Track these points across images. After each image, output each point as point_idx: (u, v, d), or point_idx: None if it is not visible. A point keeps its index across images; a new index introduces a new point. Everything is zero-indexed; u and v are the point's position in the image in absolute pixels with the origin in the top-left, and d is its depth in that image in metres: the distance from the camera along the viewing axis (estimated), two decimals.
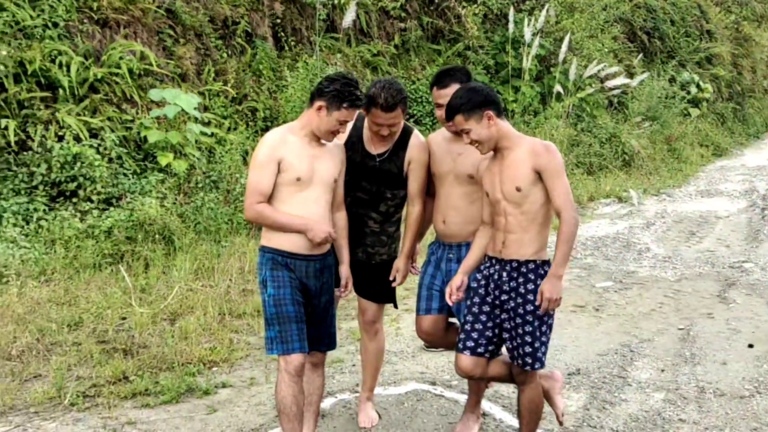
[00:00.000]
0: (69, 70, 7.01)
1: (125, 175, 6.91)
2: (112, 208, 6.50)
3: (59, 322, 4.92)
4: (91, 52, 7.39)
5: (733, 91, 19.94)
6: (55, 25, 7.20)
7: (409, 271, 3.72)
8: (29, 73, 6.73)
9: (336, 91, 3.14)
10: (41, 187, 6.37)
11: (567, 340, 5.16)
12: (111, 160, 6.84)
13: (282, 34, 9.62)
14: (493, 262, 3.25)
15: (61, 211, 6.28)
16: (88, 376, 4.29)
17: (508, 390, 4.21)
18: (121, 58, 7.48)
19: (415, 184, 3.56)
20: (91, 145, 6.69)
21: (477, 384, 3.70)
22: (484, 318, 3.26)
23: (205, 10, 8.75)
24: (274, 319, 3.15)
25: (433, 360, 4.75)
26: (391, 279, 3.65)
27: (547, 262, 3.20)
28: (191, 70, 8.33)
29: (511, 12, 11.74)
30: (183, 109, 7.24)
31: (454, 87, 3.35)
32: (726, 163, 15.21)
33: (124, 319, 5.15)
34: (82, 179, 6.50)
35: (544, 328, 3.19)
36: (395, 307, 3.90)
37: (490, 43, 12.39)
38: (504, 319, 3.23)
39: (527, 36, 11.50)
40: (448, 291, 3.36)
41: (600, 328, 5.49)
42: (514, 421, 3.79)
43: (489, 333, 3.26)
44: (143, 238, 6.23)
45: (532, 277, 3.15)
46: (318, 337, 3.36)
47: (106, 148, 6.81)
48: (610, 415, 4.04)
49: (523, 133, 3.37)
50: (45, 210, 6.28)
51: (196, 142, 7.48)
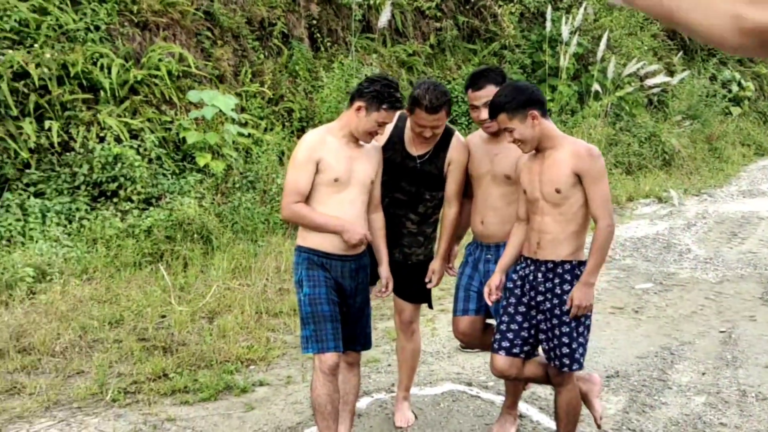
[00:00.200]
0: (110, 73, 7.14)
1: (164, 175, 7.01)
2: (151, 208, 6.60)
3: (101, 319, 5.01)
4: (131, 54, 7.52)
5: None
6: (97, 28, 7.34)
7: (445, 272, 3.71)
8: (72, 75, 6.87)
9: (376, 92, 3.13)
10: (83, 187, 6.49)
11: (605, 342, 5.09)
12: (151, 161, 6.95)
13: (318, 35, 9.67)
14: (528, 262, 3.21)
15: (102, 211, 6.40)
16: (128, 372, 4.36)
17: (546, 392, 4.18)
18: (160, 60, 7.59)
19: (453, 185, 3.54)
20: (131, 146, 6.80)
21: (514, 385, 3.67)
22: (519, 318, 3.24)
23: (242, 12, 8.84)
24: (310, 318, 3.16)
25: (469, 361, 4.73)
26: (426, 281, 3.65)
27: (583, 263, 3.15)
28: (229, 71, 8.42)
29: (549, 10, 11.65)
30: (221, 110, 7.32)
31: (489, 88, 3.33)
32: None
33: (164, 317, 5.22)
34: (122, 179, 6.62)
35: (582, 329, 3.15)
36: (430, 307, 3.88)
37: (526, 42, 12.31)
38: (540, 320, 3.20)
39: (565, 34, 11.39)
40: (486, 290, 3.34)
41: (639, 330, 5.41)
42: (552, 424, 3.76)
43: (524, 333, 3.23)
44: (182, 237, 6.32)
45: (568, 277, 3.11)
46: (353, 336, 3.37)
47: (146, 149, 6.92)
48: (650, 419, 3.98)
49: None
50: (87, 209, 6.40)
51: (234, 142, 7.56)
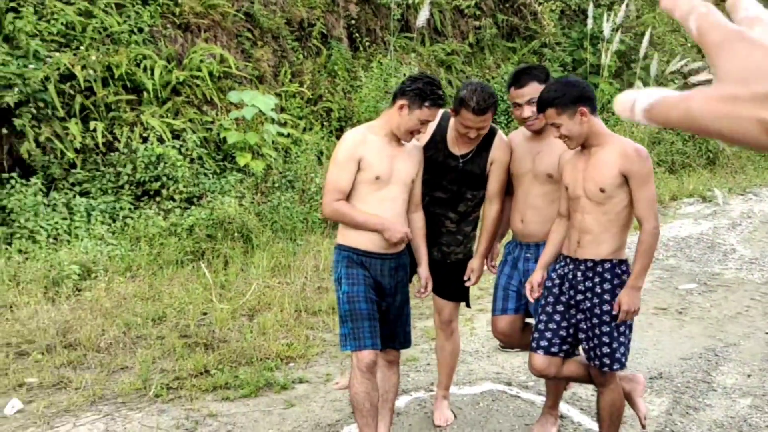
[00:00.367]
0: (153, 74, 7.27)
1: (206, 174, 7.11)
2: (193, 207, 6.70)
3: (144, 316, 5.10)
4: (173, 55, 7.64)
5: None
6: (140, 30, 7.47)
7: (485, 270, 3.69)
8: (116, 77, 7.01)
9: (418, 90, 3.12)
10: (127, 186, 6.62)
11: (648, 343, 5.01)
12: (192, 161, 7.05)
13: (357, 35, 9.70)
14: (568, 261, 3.17)
15: (145, 210, 6.52)
16: (171, 368, 4.42)
17: (587, 392, 4.13)
18: (201, 62, 7.70)
19: (495, 184, 3.51)
20: (173, 146, 6.91)
21: (555, 385, 3.63)
22: (557, 317, 3.20)
23: (282, 13, 8.91)
24: (348, 316, 3.16)
25: (508, 360, 4.70)
26: (465, 279, 3.64)
27: (624, 262, 3.10)
28: (268, 71, 8.50)
29: (590, 7, 11.50)
30: (260, 111, 7.39)
31: (532, 86, 3.30)
32: None
33: (205, 314, 5.29)
34: (165, 179, 6.73)
35: (623, 328, 3.09)
36: (467, 306, 3.86)
37: (567, 40, 12.17)
38: (580, 319, 3.15)
39: (606, 31, 11.25)
40: (528, 287, 3.31)
41: (683, 331, 5.31)
42: (593, 425, 3.71)
43: (563, 332, 3.19)
44: (223, 236, 6.40)
45: (609, 276, 3.06)
46: (392, 335, 3.37)
47: (187, 149, 7.02)
48: (694, 421, 3.90)
49: None
50: (130, 208, 6.53)
51: (273, 142, 7.62)
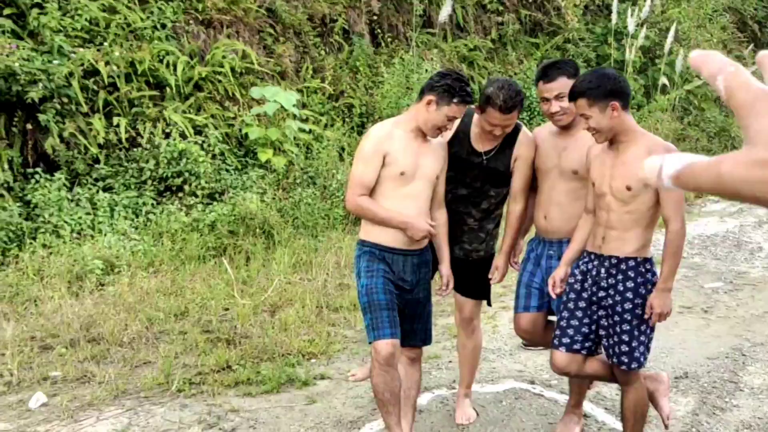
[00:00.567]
0: (176, 70, 7.29)
1: (227, 170, 7.12)
2: (215, 203, 6.72)
3: (166, 311, 5.12)
4: (196, 51, 7.66)
5: None
6: (163, 26, 7.49)
7: (509, 267, 3.65)
8: (139, 72, 7.04)
9: (447, 86, 3.08)
10: (149, 182, 6.65)
11: (674, 342, 4.94)
12: (214, 157, 7.07)
13: (378, 31, 9.67)
14: (592, 257, 3.13)
15: (167, 205, 6.54)
16: (193, 364, 4.44)
17: (611, 391, 4.08)
18: (224, 57, 7.71)
19: (519, 181, 3.47)
20: (195, 142, 6.93)
21: (578, 384, 3.59)
22: (579, 314, 3.16)
23: (303, 9, 8.90)
24: (367, 308, 3.16)
25: (531, 359, 4.65)
26: (489, 277, 3.60)
27: (648, 260, 3.05)
28: (290, 67, 8.50)
29: (615, 2, 11.36)
30: (282, 107, 7.39)
31: (561, 80, 3.25)
32: None
33: (227, 309, 5.30)
34: (187, 174, 6.75)
35: (644, 328, 3.04)
36: (489, 304, 3.83)
37: (591, 35, 12.04)
38: (601, 316, 3.11)
39: (631, 27, 11.12)
40: (551, 282, 3.26)
41: (709, 330, 5.24)
42: (617, 425, 3.67)
43: (585, 329, 3.15)
44: (244, 231, 6.41)
45: (632, 274, 3.01)
46: (414, 331, 3.35)
47: (209, 145, 7.04)
48: (721, 422, 3.84)
49: None
50: (153, 204, 6.56)
51: (294, 138, 7.62)
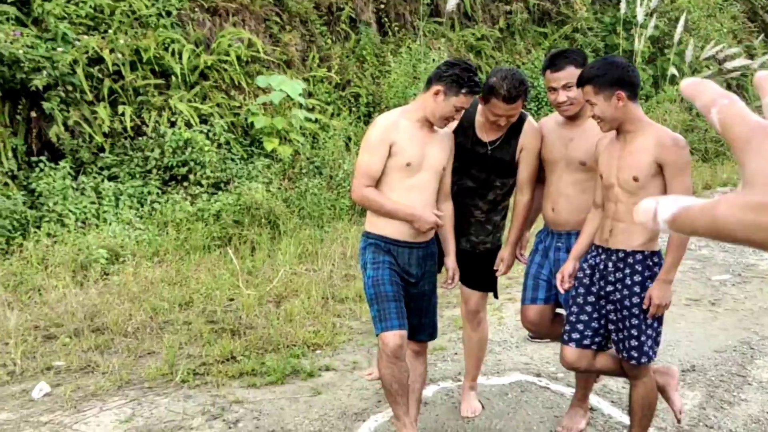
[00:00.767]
0: (181, 58, 7.25)
1: (233, 160, 7.09)
2: (220, 192, 6.69)
3: (171, 301, 5.10)
4: (201, 40, 7.62)
5: None
6: (168, 14, 7.45)
7: (515, 260, 3.62)
8: (144, 61, 7.00)
9: (455, 76, 3.04)
10: (155, 171, 6.62)
11: (681, 335, 4.91)
12: (220, 146, 7.04)
13: (386, 20, 9.61)
14: (600, 251, 3.09)
15: (172, 195, 6.52)
16: (197, 354, 4.42)
17: (618, 385, 4.05)
18: (229, 46, 7.67)
19: (525, 171, 3.42)
20: (201, 131, 6.90)
21: (585, 377, 3.56)
22: (589, 309, 3.13)
23: None
24: (374, 300, 3.13)
25: (537, 351, 4.62)
26: (495, 269, 3.57)
27: (656, 253, 3.01)
28: (296, 56, 8.45)
29: None
30: (288, 96, 7.35)
31: (569, 70, 3.20)
32: None
33: (232, 300, 5.28)
34: (192, 164, 6.72)
35: (652, 321, 3.01)
36: (495, 297, 3.80)
37: (599, 25, 11.95)
38: (610, 310, 3.08)
39: (640, 16, 11.02)
40: (559, 277, 3.23)
41: (717, 323, 5.19)
42: (624, 418, 3.64)
43: (595, 324, 3.12)
44: (250, 221, 6.39)
45: (640, 268, 2.98)
46: (419, 325, 3.32)
47: (215, 134, 7.01)
48: (728, 415, 3.81)
49: None
50: (158, 193, 6.53)
51: (301, 128, 7.58)
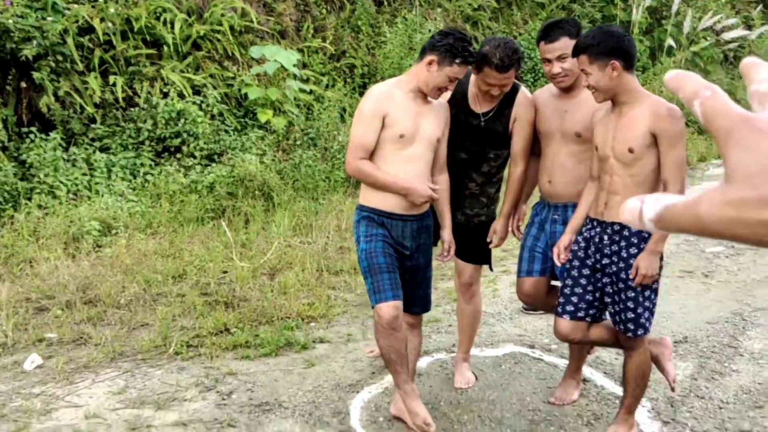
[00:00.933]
0: (173, 28, 7.16)
1: (226, 131, 7.04)
2: (213, 164, 6.65)
3: (164, 273, 5.09)
4: (194, 9, 7.52)
5: None
6: None
7: (509, 233, 3.60)
8: (135, 30, 6.91)
9: (449, 46, 2.99)
10: (147, 142, 6.57)
11: (674, 307, 4.92)
12: (213, 117, 6.98)
13: None
14: (595, 224, 3.08)
15: (165, 166, 6.48)
16: (191, 326, 4.42)
17: (610, 356, 4.06)
18: (222, 15, 7.57)
19: (519, 142, 3.39)
20: (194, 102, 6.83)
21: (578, 349, 3.57)
22: (584, 281, 3.12)
23: None
24: (368, 272, 3.12)
25: (531, 323, 4.63)
26: (488, 240, 3.56)
27: None
28: (291, 26, 8.35)
29: None
30: (282, 66, 7.27)
31: (563, 41, 3.16)
32: None
33: (226, 272, 5.27)
34: (185, 135, 6.66)
35: (648, 293, 3.01)
36: (490, 269, 3.80)
37: None
38: (606, 283, 3.08)
39: None
40: (555, 251, 3.22)
41: (710, 295, 5.21)
42: (616, 388, 3.66)
43: (589, 297, 3.12)
44: (243, 193, 6.35)
45: (635, 240, 2.96)
46: (413, 298, 3.32)
47: (208, 105, 6.94)
48: (720, 386, 3.83)
49: None
50: (151, 165, 6.49)
51: (295, 99, 7.52)
